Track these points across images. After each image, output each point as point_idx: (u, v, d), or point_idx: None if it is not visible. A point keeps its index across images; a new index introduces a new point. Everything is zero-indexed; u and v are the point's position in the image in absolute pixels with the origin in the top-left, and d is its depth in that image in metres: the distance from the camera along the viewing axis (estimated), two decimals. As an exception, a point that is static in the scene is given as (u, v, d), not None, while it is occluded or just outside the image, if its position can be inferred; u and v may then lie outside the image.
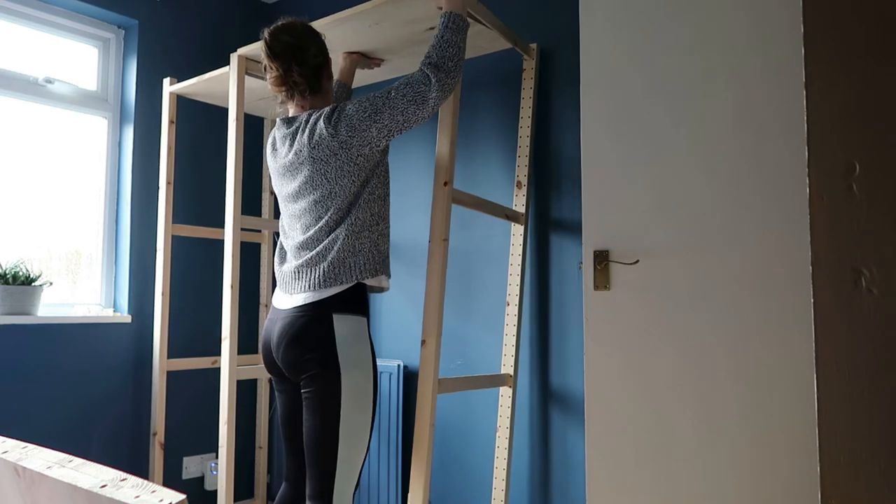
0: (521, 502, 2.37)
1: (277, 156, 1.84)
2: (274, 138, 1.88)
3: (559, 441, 2.29)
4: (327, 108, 1.75)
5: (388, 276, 1.82)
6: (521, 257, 2.32)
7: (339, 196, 1.72)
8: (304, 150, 1.74)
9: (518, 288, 2.31)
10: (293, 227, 1.82)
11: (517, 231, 2.34)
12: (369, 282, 1.76)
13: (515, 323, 2.30)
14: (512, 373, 2.29)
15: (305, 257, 1.75)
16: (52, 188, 2.85)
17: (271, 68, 1.78)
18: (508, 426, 2.28)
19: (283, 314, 1.75)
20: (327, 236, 1.73)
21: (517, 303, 2.30)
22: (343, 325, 1.69)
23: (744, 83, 1.59)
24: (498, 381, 2.26)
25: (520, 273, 2.31)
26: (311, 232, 1.75)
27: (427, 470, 1.88)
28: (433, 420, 1.90)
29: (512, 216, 2.30)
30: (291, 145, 1.78)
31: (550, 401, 2.33)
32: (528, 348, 2.39)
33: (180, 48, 3.12)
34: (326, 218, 1.73)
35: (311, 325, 1.69)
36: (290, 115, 1.85)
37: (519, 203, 2.35)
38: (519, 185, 2.35)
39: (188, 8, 3.15)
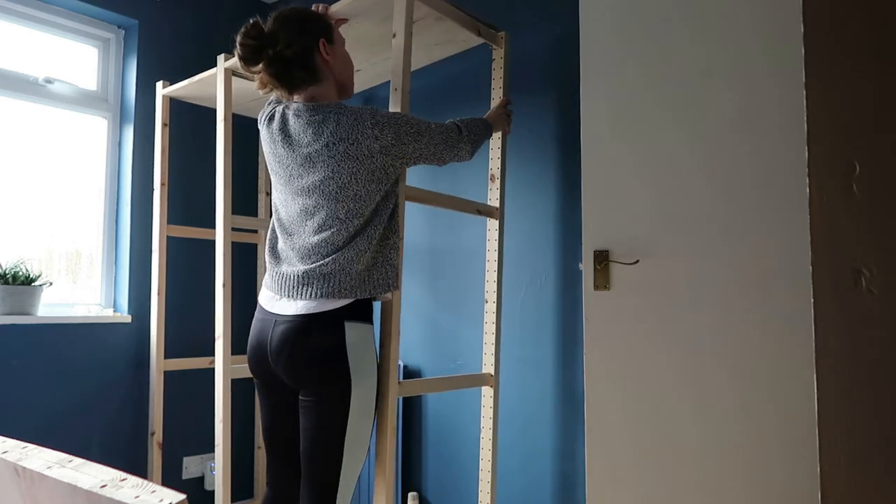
0: (521, 503, 2.37)
1: (296, 144, 1.71)
2: (287, 123, 1.74)
3: (560, 440, 2.29)
4: (369, 108, 1.69)
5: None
6: (497, 252, 2.23)
7: (362, 200, 1.67)
8: (341, 146, 1.65)
9: (496, 284, 2.22)
10: (300, 224, 1.72)
11: (493, 226, 2.25)
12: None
13: (494, 321, 2.22)
14: (493, 372, 2.21)
15: (317, 263, 1.67)
16: (52, 188, 2.85)
17: (251, 74, 1.74)
18: (492, 427, 2.21)
19: (285, 319, 1.67)
20: (345, 245, 1.67)
21: (496, 300, 2.22)
22: (354, 333, 1.65)
23: (744, 83, 1.59)
24: (478, 380, 2.20)
25: (497, 269, 2.23)
26: (326, 234, 1.67)
27: (391, 474, 1.83)
28: (394, 423, 1.83)
29: (485, 211, 2.21)
30: (318, 136, 1.68)
31: (549, 400, 2.32)
32: (528, 347, 2.39)
33: (181, 48, 3.12)
34: (346, 222, 1.66)
35: (323, 333, 1.64)
36: (306, 103, 1.74)
37: (493, 197, 2.26)
38: (493, 178, 2.26)
39: (188, 8, 3.15)
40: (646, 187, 1.72)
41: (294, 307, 1.67)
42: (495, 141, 2.25)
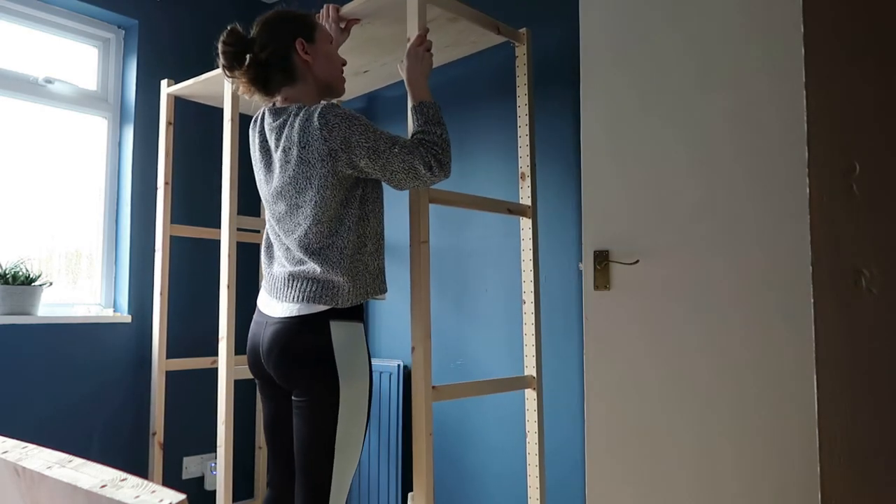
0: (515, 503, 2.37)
1: (267, 150, 1.74)
2: (262, 132, 1.76)
3: (560, 441, 2.29)
4: (321, 105, 1.63)
5: (384, 291, 1.74)
6: (532, 252, 2.20)
7: (323, 205, 1.64)
8: (294, 150, 1.63)
9: (532, 285, 2.19)
10: (280, 227, 1.72)
11: (526, 225, 2.22)
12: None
13: (534, 321, 2.18)
14: (535, 374, 2.16)
15: (299, 267, 1.67)
16: (52, 188, 2.85)
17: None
18: (537, 431, 2.14)
19: (274, 321, 1.67)
20: (320, 251, 1.65)
21: (533, 300, 2.18)
22: (341, 332, 1.64)
23: (744, 82, 1.59)
24: (520, 383, 2.14)
25: (532, 269, 2.19)
26: (300, 237, 1.66)
27: (429, 480, 1.82)
28: (430, 428, 1.83)
29: (517, 210, 2.19)
30: (279, 140, 1.67)
31: (549, 400, 2.32)
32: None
33: (181, 48, 3.12)
34: (315, 227, 1.64)
35: (308, 334, 1.63)
36: (278, 105, 1.74)
37: (525, 195, 2.24)
38: (523, 176, 2.24)
39: (189, 7, 3.15)
40: (646, 188, 1.72)
41: (281, 309, 1.68)
42: (524, 139, 2.24)
